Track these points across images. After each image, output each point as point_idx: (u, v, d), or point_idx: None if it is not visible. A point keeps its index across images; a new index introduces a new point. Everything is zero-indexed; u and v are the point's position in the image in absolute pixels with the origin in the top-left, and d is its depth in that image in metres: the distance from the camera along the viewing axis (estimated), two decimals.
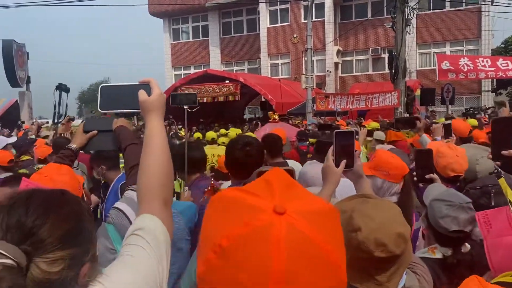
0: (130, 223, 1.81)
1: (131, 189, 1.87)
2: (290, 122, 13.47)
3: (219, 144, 7.33)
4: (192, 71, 27.64)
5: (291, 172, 2.25)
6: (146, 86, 1.38)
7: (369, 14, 23.93)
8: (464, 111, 17.00)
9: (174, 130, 11.71)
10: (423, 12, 19.17)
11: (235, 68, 27.99)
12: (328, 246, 0.61)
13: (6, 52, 16.03)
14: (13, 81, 16.36)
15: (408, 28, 14.28)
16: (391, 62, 14.40)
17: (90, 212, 1.04)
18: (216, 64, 27.97)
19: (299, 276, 0.58)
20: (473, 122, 7.70)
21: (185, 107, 4.09)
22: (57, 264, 0.87)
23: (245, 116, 25.46)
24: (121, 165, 3.75)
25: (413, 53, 21.71)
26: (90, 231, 0.99)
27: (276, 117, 11.47)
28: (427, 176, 2.57)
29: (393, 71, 14.31)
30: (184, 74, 28.24)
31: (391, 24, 14.40)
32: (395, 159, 2.46)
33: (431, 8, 22.61)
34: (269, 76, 25.25)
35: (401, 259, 1.22)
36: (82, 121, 2.72)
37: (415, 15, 15.19)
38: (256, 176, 1.56)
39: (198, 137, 10.12)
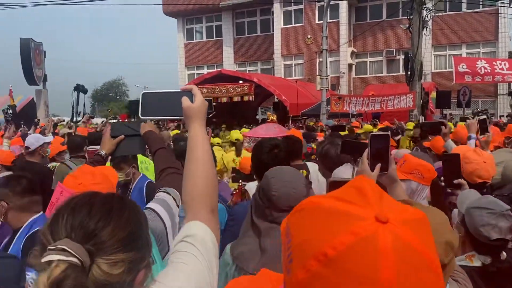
0: (163, 223, 1.82)
1: (162, 191, 1.89)
2: (306, 123, 13.42)
3: (214, 145, 7.31)
4: (205, 71, 27.73)
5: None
6: (188, 93, 1.39)
7: (384, 16, 23.77)
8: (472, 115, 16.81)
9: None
10: (439, 14, 18.99)
11: (248, 69, 28.02)
12: (430, 254, 0.62)
13: (24, 50, 16.23)
14: (30, 79, 16.57)
15: (425, 29, 14.18)
16: (407, 64, 14.31)
17: (146, 218, 1.04)
18: (229, 64, 28.02)
19: (407, 284, 0.59)
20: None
21: None
22: (118, 266, 0.87)
23: (257, 117, 25.47)
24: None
25: (428, 55, 21.52)
26: (147, 237, 1.00)
27: (274, 118, 11.58)
28: (455, 181, 2.53)
29: (409, 73, 14.22)
30: (197, 74, 28.34)
31: (407, 25, 14.30)
32: (425, 162, 2.44)
33: (447, 9, 22.38)
34: (283, 76, 25.22)
35: (448, 268, 1.19)
36: (103, 122, 2.74)
37: (431, 17, 15.05)
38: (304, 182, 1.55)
39: None
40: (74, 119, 8.68)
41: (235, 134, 7.29)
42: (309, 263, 0.62)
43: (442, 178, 2.52)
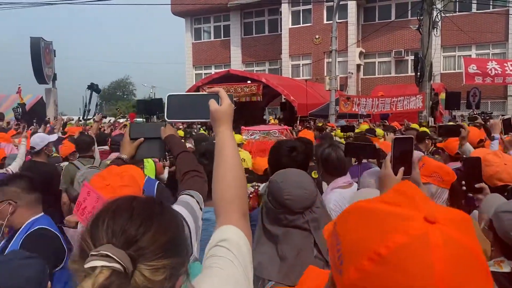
0: (188, 225, 1.81)
1: (185, 194, 1.88)
2: (315, 123, 13.38)
3: None
4: (212, 70, 27.75)
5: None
6: (215, 96, 1.37)
7: (393, 16, 23.65)
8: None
9: (195, 130, 11.74)
10: (450, 15, 18.86)
11: (255, 69, 28.00)
12: (479, 251, 0.65)
13: (34, 50, 16.31)
14: (40, 78, 16.66)
15: (435, 30, 14.08)
16: (417, 65, 14.21)
17: (183, 223, 1.02)
18: (237, 64, 28.02)
19: (460, 281, 0.61)
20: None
21: None
22: (160, 273, 0.85)
23: (264, 117, 25.44)
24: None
25: (437, 56, 21.38)
26: (186, 242, 0.98)
27: (276, 122, 11.64)
28: (477, 185, 2.50)
29: (419, 73, 14.13)
30: (204, 73, 28.36)
31: (417, 26, 14.21)
32: (444, 165, 2.42)
33: (457, 10, 22.20)
34: (290, 77, 25.17)
35: None
36: (110, 121, 2.70)
37: (442, 18, 14.94)
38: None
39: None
40: (85, 117, 8.73)
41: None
42: (361, 263, 0.65)
43: (463, 182, 2.48)
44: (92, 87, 8.34)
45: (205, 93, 1.43)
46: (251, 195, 2.87)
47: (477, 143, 4.13)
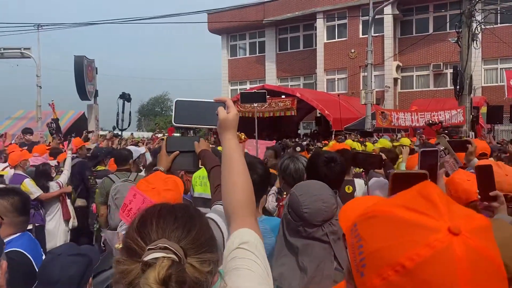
0: (222, 233, 1.86)
1: (219, 204, 1.94)
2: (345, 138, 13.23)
3: None
4: (248, 86, 28.05)
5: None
6: (222, 104, 1.43)
7: (431, 29, 23.22)
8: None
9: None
10: (490, 27, 18.33)
11: (290, 83, 28.09)
12: (498, 259, 0.67)
13: (78, 67, 17.07)
14: (83, 94, 17.37)
15: (475, 42, 13.73)
16: (456, 78, 13.87)
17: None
18: (271, 79, 28.21)
19: None
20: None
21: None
22: (207, 264, 0.93)
23: (299, 131, 25.40)
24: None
25: (478, 69, 20.75)
26: (218, 244, 1.06)
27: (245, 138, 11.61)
28: (491, 193, 2.43)
29: (458, 87, 13.77)
30: (240, 89, 28.71)
31: (456, 39, 13.91)
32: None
33: (498, 22, 21.54)
34: (325, 91, 25.09)
35: None
36: (153, 133, 2.78)
37: (481, 30, 14.56)
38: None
39: None
40: (119, 127, 8.97)
41: None
42: (385, 272, 0.67)
43: (477, 191, 2.43)
44: (124, 97, 8.58)
45: (212, 100, 1.49)
46: (281, 204, 2.93)
47: (478, 155, 4.01)
